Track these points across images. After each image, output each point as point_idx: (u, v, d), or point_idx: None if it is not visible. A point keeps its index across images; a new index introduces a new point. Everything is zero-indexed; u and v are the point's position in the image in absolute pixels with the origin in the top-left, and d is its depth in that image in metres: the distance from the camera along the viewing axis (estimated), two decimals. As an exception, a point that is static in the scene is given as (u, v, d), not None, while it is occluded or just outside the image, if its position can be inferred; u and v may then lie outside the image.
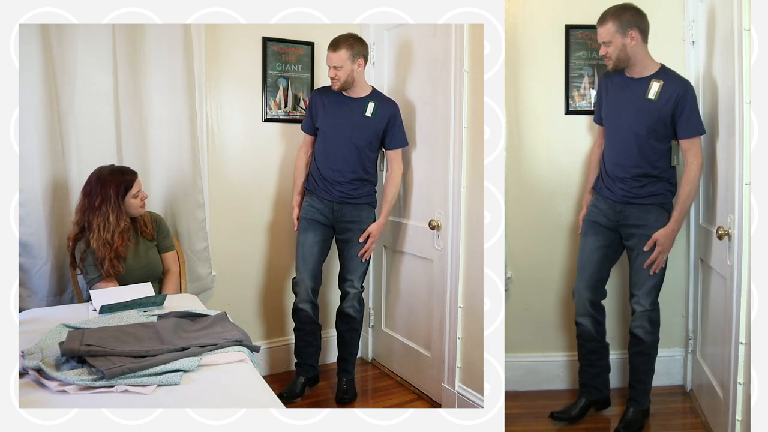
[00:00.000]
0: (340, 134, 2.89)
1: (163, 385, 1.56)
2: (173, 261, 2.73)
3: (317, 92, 3.01)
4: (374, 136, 2.92)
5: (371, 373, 3.44)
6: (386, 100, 2.97)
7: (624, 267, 2.76)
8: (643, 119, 2.48)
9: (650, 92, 2.46)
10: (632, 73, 2.51)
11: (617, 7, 2.45)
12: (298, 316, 2.99)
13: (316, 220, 2.94)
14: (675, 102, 2.44)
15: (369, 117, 2.90)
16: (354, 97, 2.90)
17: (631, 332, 2.60)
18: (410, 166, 3.17)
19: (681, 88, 2.45)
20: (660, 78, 2.47)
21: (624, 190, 2.55)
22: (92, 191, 2.45)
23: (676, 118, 2.46)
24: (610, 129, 2.60)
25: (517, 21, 2.88)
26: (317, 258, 2.97)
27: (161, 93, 2.84)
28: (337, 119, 2.90)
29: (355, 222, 2.95)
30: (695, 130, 2.47)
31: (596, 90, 2.71)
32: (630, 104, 2.50)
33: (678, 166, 2.61)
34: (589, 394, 2.74)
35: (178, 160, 2.89)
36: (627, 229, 2.57)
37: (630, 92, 2.51)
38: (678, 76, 2.50)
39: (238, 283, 3.27)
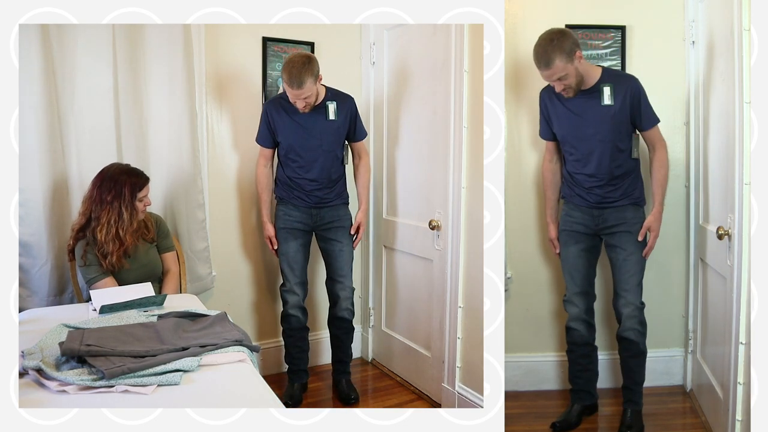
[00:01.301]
0: (310, 144, 2.85)
1: (163, 385, 1.56)
2: (173, 261, 2.73)
3: (271, 106, 2.89)
4: (341, 136, 2.93)
5: (371, 373, 3.44)
6: (342, 96, 2.93)
7: (604, 270, 2.76)
8: (606, 126, 2.48)
9: (604, 98, 2.47)
10: (581, 86, 2.50)
11: (554, 39, 2.37)
12: (290, 322, 2.99)
13: (295, 228, 2.93)
14: (630, 99, 2.46)
15: (333, 120, 2.87)
16: (314, 105, 2.83)
17: (623, 337, 2.59)
18: (410, 166, 3.18)
19: (630, 84, 2.47)
20: (607, 81, 2.47)
21: (599, 195, 2.55)
22: (104, 185, 2.45)
23: (635, 114, 2.48)
24: (572, 144, 2.57)
25: (517, 21, 2.88)
26: (302, 264, 2.98)
27: (161, 93, 2.84)
28: (302, 131, 2.85)
29: (335, 221, 2.96)
30: (654, 119, 2.51)
31: (540, 105, 2.65)
32: (588, 116, 2.50)
33: (638, 158, 2.61)
34: (582, 400, 2.74)
35: (178, 160, 2.89)
36: (607, 230, 2.58)
37: (584, 104, 2.50)
38: (622, 74, 2.54)
39: (238, 283, 3.27)
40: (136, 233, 2.51)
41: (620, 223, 2.55)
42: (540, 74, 2.45)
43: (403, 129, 3.20)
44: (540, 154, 2.91)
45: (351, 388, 3.09)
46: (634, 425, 2.59)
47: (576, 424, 2.70)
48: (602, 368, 2.87)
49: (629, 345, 2.58)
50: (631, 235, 2.54)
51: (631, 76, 2.54)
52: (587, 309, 2.68)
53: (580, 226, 2.61)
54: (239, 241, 3.26)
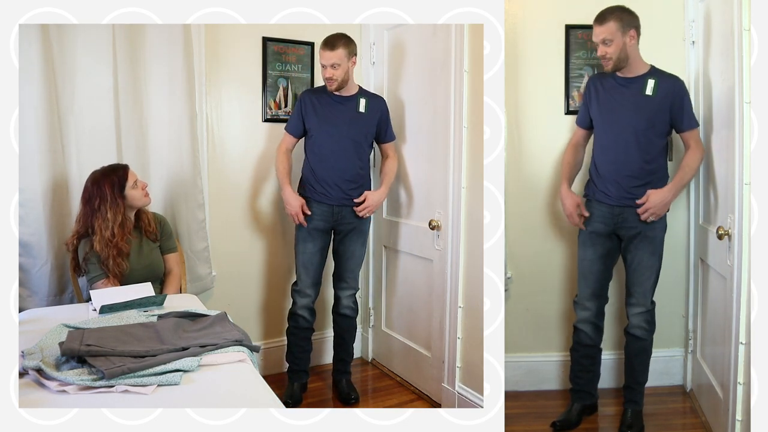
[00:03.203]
0: (338, 132, 2.88)
1: (163, 385, 1.56)
2: (175, 262, 2.73)
3: (308, 94, 2.96)
4: (369, 130, 2.94)
5: (371, 373, 3.44)
6: (375, 97, 2.99)
7: (617, 272, 2.74)
8: (642, 114, 2.48)
9: (647, 89, 2.48)
10: (626, 73, 2.51)
11: (616, 7, 2.45)
12: (297, 321, 2.99)
13: (316, 227, 2.93)
14: (672, 96, 2.47)
15: (363, 113, 2.91)
16: (346, 96, 2.90)
17: (630, 333, 2.60)
18: (410, 166, 3.18)
19: (676, 83, 2.50)
20: (653, 76, 2.49)
21: (621, 192, 2.53)
22: (91, 196, 2.46)
23: (675, 112, 2.48)
24: (605, 129, 2.57)
25: (517, 21, 2.88)
26: (318, 267, 2.98)
27: (161, 93, 2.84)
28: (332, 119, 2.88)
29: (354, 223, 2.96)
30: (694, 122, 2.52)
31: (583, 92, 2.68)
32: (627, 102, 2.50)
33: (672, 162, 2.62)
34: (582, 399, 2.74)
35: (178, 160, 2.89)
36: (626, 230, 2.56)
37: (626, 91, 2.51)
38: (670, 74, 2.53)
39: (238, 283, 3.27)
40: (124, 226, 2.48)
41: (639, 224, 2.53)
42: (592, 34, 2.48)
43: (403, 129, 3.20)
44: (540, 155, 2.91)
45: (351, 388, 3.10)
46: (634, 425, 2.59)
47: (576, 423, 2.70)
48: (604, 368, 2.87)
49: (635, 342, 2.59)
50: (649, 239, 2.53)
51: (676, 76, 2.54)
52: (598, 312, 2.67)
53: (600, 225, 2.59)
54: (239, 241, 3.26)
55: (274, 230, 3.33)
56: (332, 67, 2.79)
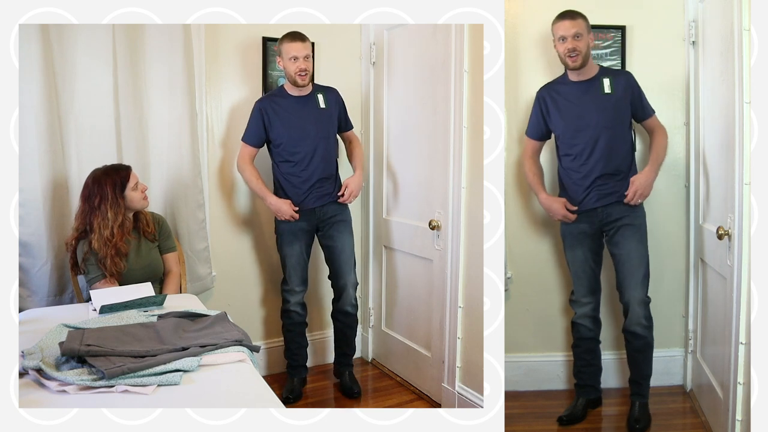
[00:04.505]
0: (307, 135, 2.88)
1: (163, 385, 1.56)
2: (174, 262, 2.73)
3: (265, 101, 2.91)
4: (334, 124, 2.99)
5: (371, 373, 3.44)
6: (329, 89, 3.01)
7: (606, 268, 2.75)
8: (608, 113, 2.54)
9: (605, 87, 2.55)
10: (581, 76, 2.57)
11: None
12: (291, 317, 3.03)
13: (301, 228, 2.95)
14: (630, 90, 2.56)
15: (324, 108, 2.94)
16: (304, 95, 2.91)
17: (629, 330, 2.60)
18: (410, 166, 3.18)
19: (629, 78, 2.59)
20: (606, 75, 2.57)
21: (600, 192, 2.55)
22: (91, 193, 2.45)
23: (635, 105, 2.58)
24: (573, 136, 2.58)
25: (517, 21, 2.88)
26: (305, 264, 3.03)
27: (161, 93, 2.84)
28: (298, 122, 2.88)
29: (337, 215, 2.99)
30: (651, 109, 2.63)
31: (534, 104, 2.69)
32: (591, 104, 2.55)
33: (636, 152, 2.69)
34: (587, 394, 2.77)
35: (178, 160, 2.89)
36: (611, 225, 2.59)
37: (585, 93, 2.56)
38: (618, 69, 2.65)
39: (238, 283, 3.27)
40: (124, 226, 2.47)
41: (622, 216, 2.56)
42: (558, 29, 2.52)
43: (403, 129, 3.20)
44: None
45: (354, 381, 3.12)
46: (641, 418, 2.61)
47: (582, 417, 2.73)
48: (607, 367, 2.88)
49: (636, 339, 2.60)
50: (633, 228, 2.56)
51: (626, 70, 2.67)
52: (595, 306, 2.72)
53: (585, 226, 2.62)
54: (239, 241, 3.26)
55: (273, 230, 3.32)
56: (305, 59, 2.80)
